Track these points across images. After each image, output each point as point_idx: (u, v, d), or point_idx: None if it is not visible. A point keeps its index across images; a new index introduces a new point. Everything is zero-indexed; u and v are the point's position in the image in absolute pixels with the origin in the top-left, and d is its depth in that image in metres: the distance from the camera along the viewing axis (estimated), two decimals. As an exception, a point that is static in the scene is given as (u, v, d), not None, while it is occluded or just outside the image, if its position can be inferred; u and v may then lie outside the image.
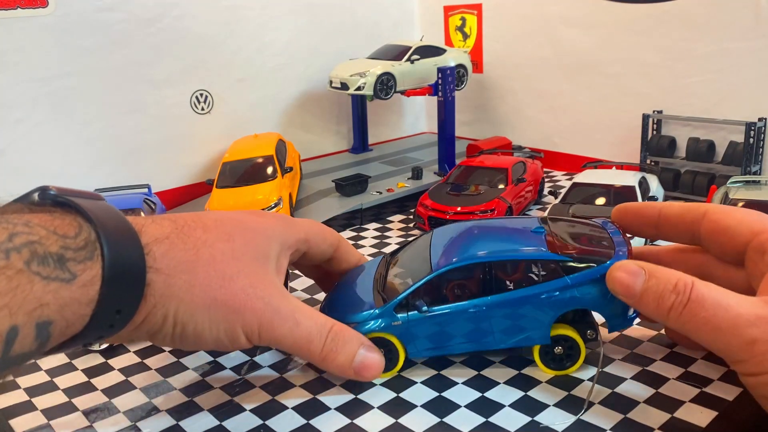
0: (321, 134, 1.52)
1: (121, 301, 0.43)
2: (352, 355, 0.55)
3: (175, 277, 0.46)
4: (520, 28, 1.43)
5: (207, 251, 0.48)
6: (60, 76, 1.11)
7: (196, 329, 0.48)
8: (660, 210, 0.60)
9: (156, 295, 0.45)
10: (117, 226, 0.44)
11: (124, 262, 0.42)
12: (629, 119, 1.25)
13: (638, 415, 0.53)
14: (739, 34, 1.08)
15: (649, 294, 0.50)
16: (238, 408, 0.57)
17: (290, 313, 0.52)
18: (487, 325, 0.58)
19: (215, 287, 0.48)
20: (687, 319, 0.48)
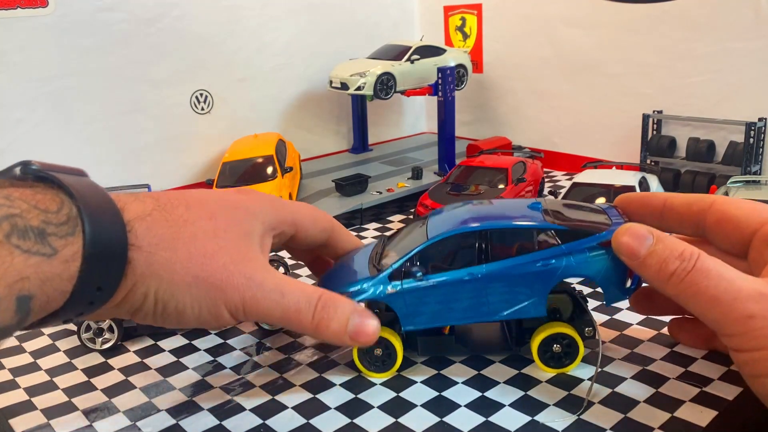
0: (321, 134, 1.52)
1: (102, 278, 0.42)
2: (345, 320, 0.52)
3: (156, 254, 0.45)
4: (520, 28, 1.43)
5: (189, 229, 0.48)
6: (60, 76, 1.11)
7: (178, 307, 0.47)
8: (666, 200, 0.59)
9: (137, 273, 0.44)
10: (99, 203, 0.43)
11: (105, 239, 0.41)
12: (629, 119, 1.25)
13: (638, 415, 0.53)
14: (739, 34, 1.08)
15: (653, 257, 0.50)
16: (238, 408, 0.57)
17: (275, 286, 0.50)
18: (483, 295, 0.57)
19: (196, 265, 0.47)
20: (687, 286, 0.48)
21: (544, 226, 0.57)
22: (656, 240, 0.51)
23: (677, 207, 0.58)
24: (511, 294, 0.57)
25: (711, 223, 0.56)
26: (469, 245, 0.57)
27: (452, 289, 0.57)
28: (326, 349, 0.67)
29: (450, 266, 0.58)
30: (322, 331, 0.51)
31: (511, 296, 0.57)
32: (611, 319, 0.70)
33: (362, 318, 0.52)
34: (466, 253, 0.58)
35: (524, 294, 0.57)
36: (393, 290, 0.58)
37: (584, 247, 0.56)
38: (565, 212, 0.60)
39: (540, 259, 0.56)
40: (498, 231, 0.57)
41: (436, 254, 0.58)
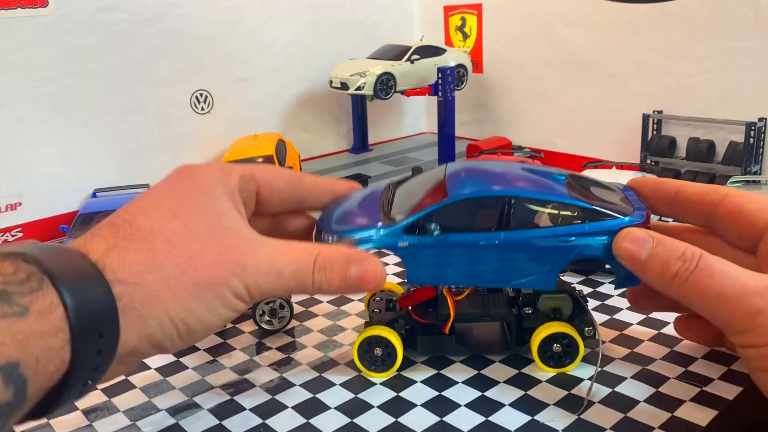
0: (321, 134, 1.52)
1: (95, 341, 0.39)
2: (344, 275, 0.50)
3: (145, 280, 0.43)
4: (520, 28, 1.43)
5: (159, 239, 0.45)
6: (60, 76, 1.11)
7: (197, 318, 0.45)
8: (679, 187, 0.58)
9: (136, 307, 0.42)
10: (59, 255, 0.40)
11: (82, 289, 0.39)
12: (629, 119, 1.25)
13: (638, 415, 0.53)
14: (740, 34, 1.08)
15: (654, 259, 0.50)
16: (238, 408, 0.57)
17: (270, 268, 0.48)
18: (496, 261, 0.56)
19: (188, 272, 0.45)
20: (691, 286, 0.48)
21: (569, 201, 0.56)
22: (656, 242, 0.51)
23: (690, 195, 0.57)
24: (524, 264, 0.56)
25: (723, 215, 0.55)
26: (491, 209, 0.56)
27: (466, 251, 0.55)
28: (326, 349, 0.67)
29: (468, 227, 0.56)
30: (325, 292, 0.51)
31: (525, 266, 0.56)
32: (611, 319, 0.70)
33: (360, 267, 0.51)
34: (487, 216, 0.56)
35: (538, 266, 0.55)
36: (405, 244, 0.56)
37: (606, 229, 0.55)
38: (588, 188, 0.59)
39: (561, 234, 0.55)
40: (522, 199, 0.56)
41: (455, 213, 0.56)
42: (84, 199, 1.14)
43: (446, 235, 0.55)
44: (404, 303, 0.63)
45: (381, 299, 0.68)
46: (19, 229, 1.10)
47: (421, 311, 0.62)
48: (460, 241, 0.55)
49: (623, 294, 0.76)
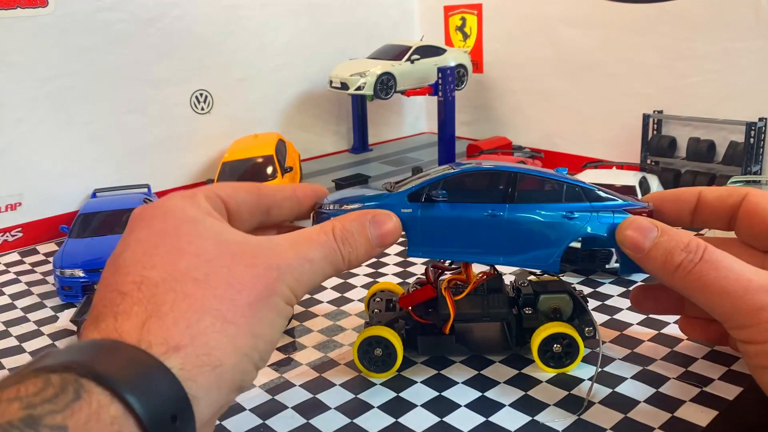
0: (321, 134, 1.52)
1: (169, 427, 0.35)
2: (366, 238, 0.50)
3: (200, 330, 0.38)
4: (520, 28, 1.43)
5: (186, 284, 0.40)
6: (60, 76, 1.11)
7: (266, 340, 0.42)
8: (700, 193, 0.57)
9: (205, 363, 0.38)
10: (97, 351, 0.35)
11: (141, 383, 0.34)
12: (629, 119, 1.25)
13: (638, 415, 0.53)
14: (739, 34, 1.08)
15: (658, 249, 0.50)
16: (238, 408, 0.57)
17: (299, 258, 0.46)
18: (500, 235, 0.55)
19: (237, 298, 0.41)
20: (695, 278, 0.48)
21: (573, 181, 0.56)
22: (661, 232, 0.50)
23: (712, 201, 0.57)
24: (528, 238, 0.55)
25: (743, 214, 0.55)
26: (497, 184, 0.56)
27: (470, 222, 0.55)
28: (326, 349, 0.67)
29: (473, 200, 0.55)
30: (355, 262, 0.50)
31: (529, 241, 0.55)
32: (611, 319, 0.70)
33: (376, 223, 0.51)
34: (493, 191, 0.56)
35: (542, 242, 0.55)
36: (408, 210, 0.55)
37: (609, 208, 0.55)
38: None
39: (565, 210, 0.55)
40: (528, 176, 0.56)
41: (461, 187, 0.56)
42: (84, 199, 1.14)
43: (451, 204, 0.55)
44: (404, 303, 0.63)
45: (381, 299, 0.68)
46: (19, 229, 1.10)
47: (421, 311, 0.62)
48: (464, 211, 0.55)
49: (623, 294, 0.76)
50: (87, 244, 0.91)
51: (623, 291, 0.77)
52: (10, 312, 0.83)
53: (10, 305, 0.85)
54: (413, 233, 0.56)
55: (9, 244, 1.09)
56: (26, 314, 0.82)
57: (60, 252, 0.90)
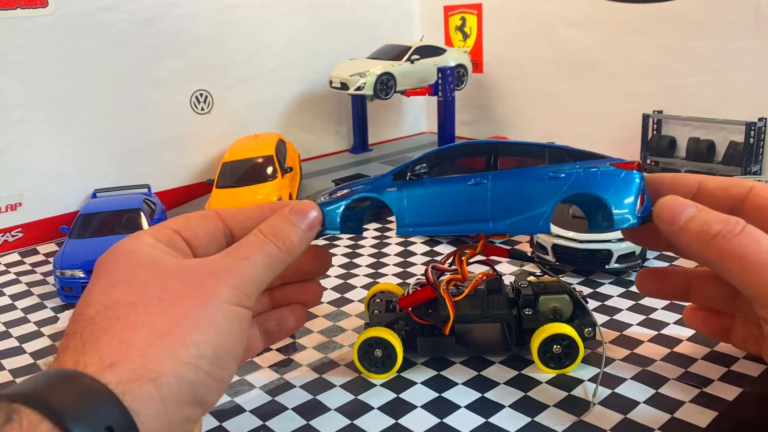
0: (321, 134, 1.52)
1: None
2: (292, 224, 0.50)
3: (134, 346, 0.39)
4: (520, 28, 1.43)
5: (119, 310, 0.41)
6: (60, 76, 1.11)
7: (214, 343, 0.41)
8: (701, 182, 0.56)
9: (142, 375, 0.38)
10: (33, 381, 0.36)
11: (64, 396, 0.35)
12: (629, 119, 1.25)
13: (638, 416, 0.53)
14: (739, 34, 1.08)
15: (695, 221, 0.49)
16: (238, 408, 0.57)
17: (235, 258, 0.46)
18: (486, 201, 0.54)
19: (171, 310, 0.41)
20: (733, 248, 0.46)
21: (556, 145, 0.56)
22: (700, 208, 0.50)
23: (714, 190, 0.55)
24: (516, 201, 0.54)
25: (749, 208, 0.54)
26: (480, 158, 0.56)
27: (456, 192, 0.54)
28: (326, 350, 0.67)
29: (457, 173, 0.55)
30: (295, 249, 0.50)
31: (516, 204, 0.54)
32: (611, 320, 0.70)
33: (296, 211, 0.51)
34: (476, 162, 0.56)
35: (530, 203, 0.54)
36: (393, 189, 0.55)
37: (596, 164, 0.54)
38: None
39: (550, 170, 0.54)
40: (511, 145, 0.56)
41: (444, 162, 0.56)
42: (84, 199, 1.14)
43: (434, 179, 0.55)
44: (404, 304, 0.63)
45: (381, 300, 0.68)
46: (19, 230, 1.10)
47: (420, 312, 0.62)
48: (448, 184, 0.55)
49: (623, 295, 0.76)
50: (87, 244, 0.91)
51: (623, 291, 0.77)
52: (10, 313, 0.83)
53: (10, 306, 0.85)
54: (400, 212, 0.55)
55: (9, 245, 1.09)
56: (26, 315, 0.82)
57: (60, 252, 0.90)
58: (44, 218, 1.13)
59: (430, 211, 0.55)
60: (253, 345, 0.56)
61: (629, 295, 0.76)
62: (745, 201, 0.54)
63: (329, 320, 0.74)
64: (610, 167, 0.54)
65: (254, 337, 0.56)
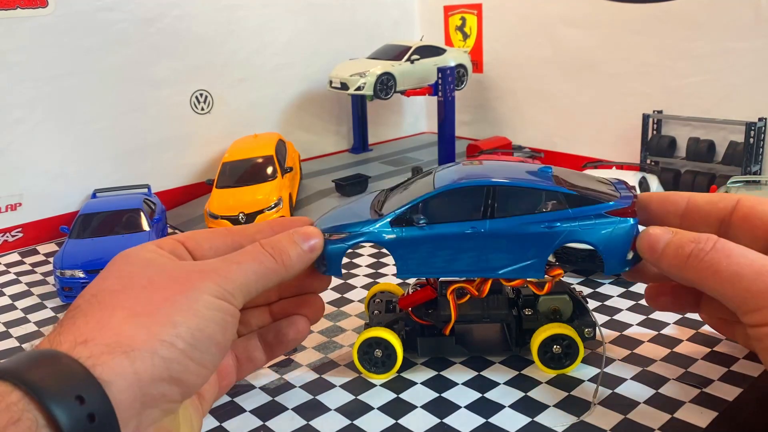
0: (321, 134, 1.52)
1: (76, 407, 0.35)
2: (293, 242, 0.52)
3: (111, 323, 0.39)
4: (520, 28, 1.43)
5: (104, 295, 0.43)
6: (60, 76, 1.11)
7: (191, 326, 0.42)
8: (689, 198, 0.58)
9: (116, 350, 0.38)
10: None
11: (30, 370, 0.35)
12: (629, 119, 1.25)
13: (638, 416, 0.53)
14: (739, 34, 1.08)
15: (670, 246, 0.51)
16: (238, 408, 0.57)
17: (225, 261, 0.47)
18: (484, 250, 0.56)
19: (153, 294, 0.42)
20: (707, 265, 0.48)
21: (552, 188, 0.56)
22: (674, 233, 0.52)
23: (702, 205, 0.57)
24: (512, 252, 0.56)
25: (737, 219, 0.55)
26: (476, 200, 0.56)
27: (453, 240, 0.56)
28: (326, 350, 0.67)
29: (453, 218, 0.56)
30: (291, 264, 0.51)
31: (512, 254, 0.56)
32: (611, 320, 0.70)
33: (302, 235, 0.53)
34: (472, 207, 0.57)
35: (525, 253, 0.56)
36: (392, 236, 0.57)
37: (591, 213, 0.55)
38: (574, 180, 0.59)
39: (545, 220, 0.55)
40: (506, 188, 0.57)
41: (441, 206, 0.57)
42: (84, 199, 1.14)
43: (432, 226, 0.56)
44: (404, 304, 0.63)
45: (381, 300, 0.68)
46: (19, 230, 1.10)
47: (421, 313, 0.62)
48: (445, 231, 0.56)
49: (623, 295, 0.76)
50: (87, 244, 0.91)
51: (623, 291, 0.77)
52: (10, 313, 0.83)
53: (10, 306, 0.85)
54: (400, 257, 0.57)
55: (9, 245, 1.09)
56: (26, 315, 0.82)
57: (60, 252, 0.90)
58: (44, 218, 1.13)
59: (428, 257, 0.57)
60: (255, 357, 0.57)
61: (629, 295, 0.76)
62: (733, 213, 0.55)
63: (329, 320, 0.74)
64: (606, 216, 0.55)
65: (255, 348, 0.57)
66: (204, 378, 0.43)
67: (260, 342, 0.57)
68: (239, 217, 1.00)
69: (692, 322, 0.67)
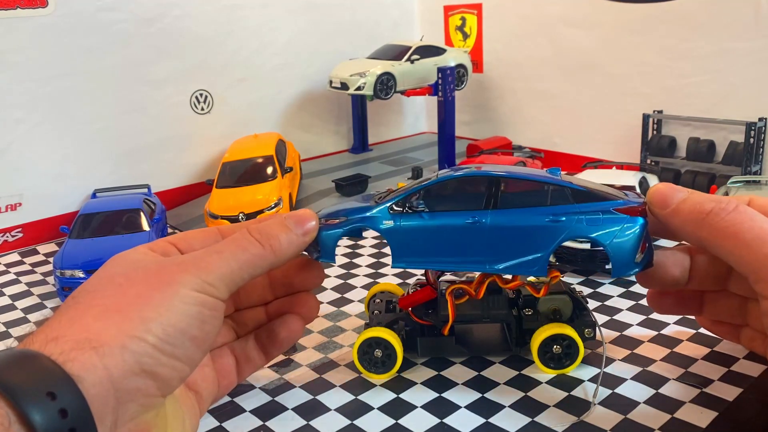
0: (321, 134, 1.52)
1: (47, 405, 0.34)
2: (284, 226, 0.50)
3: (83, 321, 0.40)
4: (520, 28, 1.43)
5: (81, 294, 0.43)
6: (60, 76, 1.11)
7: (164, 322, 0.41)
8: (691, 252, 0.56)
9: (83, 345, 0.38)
10: None
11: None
12: (629, 119, 1.25)
13: (638, 416, 0.53)
14: (739, 34, 1.08)
15: (686, 202, 0.49)
16: (238, 408, 0.57)
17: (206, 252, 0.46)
18: (483, 242, 0.54)
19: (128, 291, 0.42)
20: (727, 224, 0.47)
21: (560, 182, 0.54)
22: (691, 192, 0.50)
23: None
24: (513, 245, 0.54)
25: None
26: (479, 190, 0.55)
27: (453, 231, 0.54)
28: (326, 350, 0.67)
29: (455, 208, 0.55)
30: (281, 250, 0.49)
31: (514, 247, 0.54)
32: (611, 320, 0.70)
33: (293, 216, 0.51)
34: (475, 197, 0.55)
35: (528, 247, 0.53)
36: (390, 222, 0.55)
37: (598, 209, 0.53)
38: (582, 182, 0.58)
39: (550, 213, 0.53)
40: (511, 180, 0.55)
41: (442, 195, 0.55)
42: (84, 199, 1.14)
43: (432, 214, 0.55)
44: (404, 304, 0.63)
45: (381, 300, 0.68)
46: (19, 230, 1.10)
47: (420, 313, 0.62)
48: (445, 221, 0.54)
49: (623, 295, 0.76)
50: (87, 244, 0.91)
51: (623, 291, 0.77)
52: (10, 313, 0.83)
53: (10, 306, 0.85)
54: (396, 244, 0.55)
55: (9, 245, 1.09)
56: (26, 315, 0.82)
57: (60, 252, 0.90)
58: (44, 218, 1.13)
59: (426, 247, 0.55)
60: (253, 357, 0.57)
61: (629, 295, 0.76)
62: None
63: (329, 320, 0.74)
64: (614, 213, 0.53)
65: (252, 348, 0.57)
66: (181, 372, 0.42)
67: (257, 343, 0.57)
68: (239, 217, 1.00)
69: (692, 322, 0.67)
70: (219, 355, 0.55)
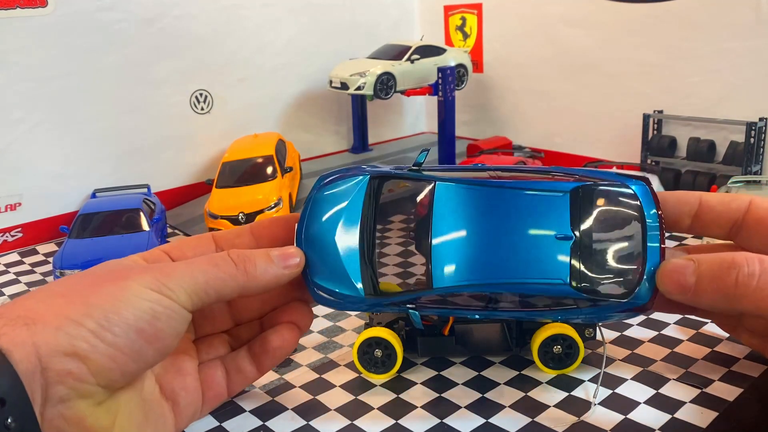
0: (321, 134, 1.52)
1: None
2: (266, 255, 0.51)
3: (27, 302, 0.41)
4: (520, 28, 1.43)
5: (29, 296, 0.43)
6: (60, 76, 1.11)
7: (107, 310, 0.41)
8: (701, 198, 0.55)
9: (19, 324, 0.38)
10: None
11: None
12: (630, 119, 1.25)
13: (638, 416, 0.53)
14: (739, 34, 1.08)
15: (703, 279, 0.47)
16: (238, 408, 0.57)
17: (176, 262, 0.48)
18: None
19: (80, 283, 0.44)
20: (765, 292, 0.45)
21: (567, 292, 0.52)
22: (698, 262, 0.48)
23: (714, 205, 0.54)
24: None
25: (751, 221, 0.53)
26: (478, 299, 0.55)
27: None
28: (326, 350, 0.67)
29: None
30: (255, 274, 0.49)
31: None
32: (611, 320, 0.70)
33: (280, 252, 0.52)
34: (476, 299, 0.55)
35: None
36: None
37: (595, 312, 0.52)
38: (595, 255, 0.52)
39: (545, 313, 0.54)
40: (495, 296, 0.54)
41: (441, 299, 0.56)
42: (84, 199, 1.14)
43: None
44: (404, 304, 0.63)
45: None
46: (19, 230, 1.10)
47: (421, 312, 0.62)
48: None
49: (623, 295, 0.76)
50: (87, 244, 0.91)
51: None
52: (10, 312, 0.82)
53: (10, 306, 0.85)
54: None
55: (9, 245, 1.09)
56: (26, 315, 0.82)
57: (60, 252, 0.90)
58: (44, 218, 1.13)
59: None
60: (244, 369, 0.55)
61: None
62: (746, 214, 0.53)
63: (329, 320, 0.74)
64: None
65: (243, 359, 0.56)
66: (123, 365, 0.42)
67: (249, 354, 0.56)
68: (239, 217, 1.00)
69: (692, 323, 0.67)
70: (207, 366, 0.54)
